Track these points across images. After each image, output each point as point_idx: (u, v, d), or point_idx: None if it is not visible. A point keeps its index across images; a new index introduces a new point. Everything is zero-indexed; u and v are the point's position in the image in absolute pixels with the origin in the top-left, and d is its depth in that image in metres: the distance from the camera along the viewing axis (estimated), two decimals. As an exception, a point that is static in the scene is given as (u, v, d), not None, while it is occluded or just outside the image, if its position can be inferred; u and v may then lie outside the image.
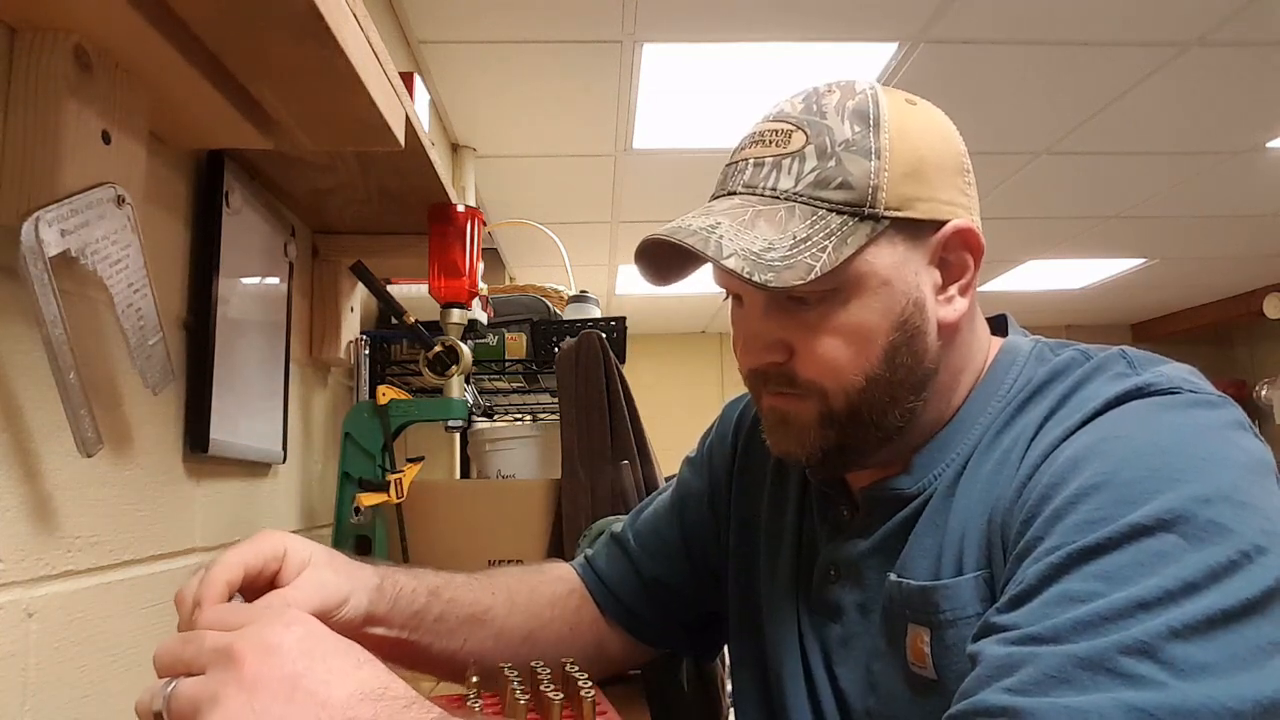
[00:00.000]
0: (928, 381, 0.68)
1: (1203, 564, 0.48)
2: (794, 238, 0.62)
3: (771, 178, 0.65)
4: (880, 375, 0.65)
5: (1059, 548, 0.52)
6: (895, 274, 0.64)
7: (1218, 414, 0.57)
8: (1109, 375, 0.63)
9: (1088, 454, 0.56)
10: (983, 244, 0.68)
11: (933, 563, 0.64)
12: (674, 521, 0.91)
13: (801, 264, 0.61)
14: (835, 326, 0.64)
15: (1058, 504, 0.54)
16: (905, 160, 0.64)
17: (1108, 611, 0.48)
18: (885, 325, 0.65)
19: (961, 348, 0.70)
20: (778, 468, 0.84)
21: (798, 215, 0.63)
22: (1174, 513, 0.50)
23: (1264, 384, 5.37)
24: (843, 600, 0.72)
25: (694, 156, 2.78)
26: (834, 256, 0.61)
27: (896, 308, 0.65)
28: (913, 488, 0.68)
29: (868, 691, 0.68)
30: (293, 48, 0.71)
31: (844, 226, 0.63)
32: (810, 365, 0.66)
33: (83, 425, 0.65)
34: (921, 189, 0.65)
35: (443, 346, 1.28)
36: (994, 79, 2.31)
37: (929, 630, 0.62)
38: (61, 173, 0.64)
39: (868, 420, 0.67)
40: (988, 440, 0.66)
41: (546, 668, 0.75)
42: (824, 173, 0.63)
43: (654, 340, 5.82)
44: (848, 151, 0.64)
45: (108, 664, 0.76)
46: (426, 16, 1.96)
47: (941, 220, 0.66)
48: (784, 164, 0.65)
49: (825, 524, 0.76)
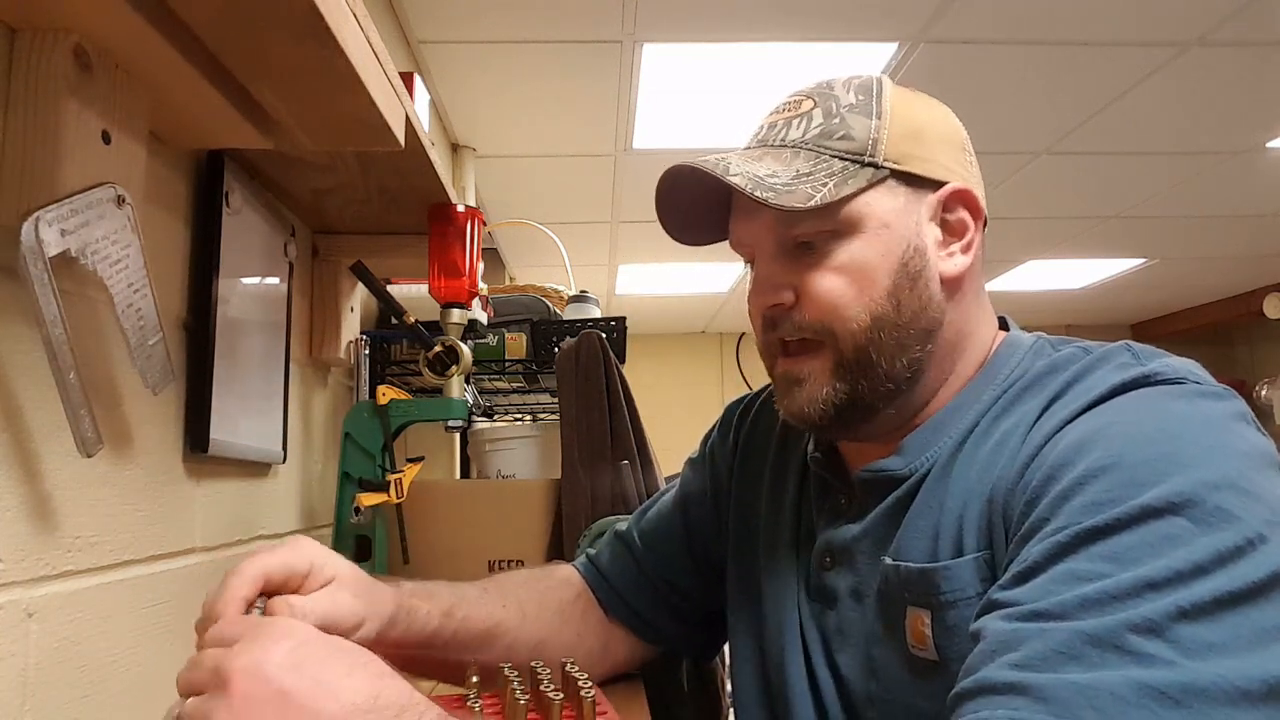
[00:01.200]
0: (934, 332, 0.69)
1: (1210, 548, 0.49)
2: (797, 172, 0.67)
3: (782, 132, 0.71)
4: (885, 315, 0.67)
5: (1066, 527, 0.52)
6: (896, 219, 0.68)
7: (1223, 405, 0.58)
8: (1114, 365, 0.63)
9: (1095, 437, 0.56)
10: (983, 209, 0.71)
11: (929, 544, 0.64)
12: (678, 521, 0.91)
13: (802, 192, 0.65)
14: (838, 266, 0.68)
15: (1064, 485, 0.55)
16: (904, 123, 0.69)
17: (1116, 590, 0.48)
18: (886, 265, 0.68)
19: (966, 310, 0.71)
20: (777, 461, 0.84)
21: (803, 157, 0.68)
22: (1183, 496, 0.50)
23: (1264, 384, 5.36)
24: (838, 586, 0.72)
25: (694, 156, 2.77)
26: (834, 192, 0.66)
27: (897, 250, 0.68)
28: (903, 469, 0.69)
29: (869, 677, 0.68)
30: (293, 48, 0.71)
31: (845, 170, 0.67)
32: (814, 306, 0.68)
33: (83, 425, 0.65)
34: (920, 149, 0.69)
35: (443, 346, 1.28)
36: (994, 79, 2.31)
37: (929, 612, 0.63)
38: (61, 173, 0.64)
39: (877, 365, 0.68)
40: (985, 424, 0.67)
41: (546, 668, 0.75)
42: (829, 126, 0.69)
43: (654, 340, 5.81)
44: (851, 112, 0.69)
45: (108, 664, 0.76)
46: (426, 16, 1.96)
47: (941, 180, 0.69)
48: (794, 122, 0.71)
49: (823, 512, 0.76)
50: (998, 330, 0.75)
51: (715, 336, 6.11)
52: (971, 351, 0.72)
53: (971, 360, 0.72)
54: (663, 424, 1.98)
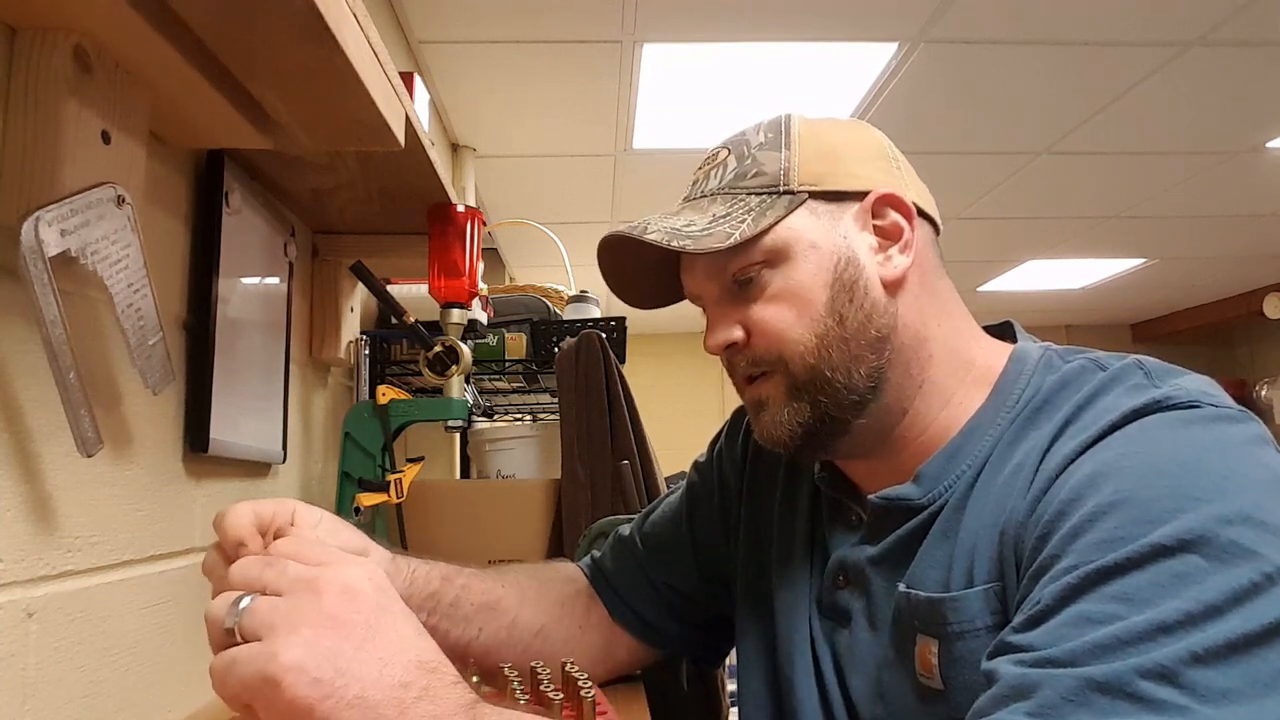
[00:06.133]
0: (887, 338, 0.69)
1: (1224, 586, 0.47)
2: (713, 216, 0.70)
3: (701, 185, 0.74)
4: (830, 331, 0.68)
5: (1076, 567, 0.51)
6: (822, 237, 0.69)
7: (1239, 429, 0.56)
8: (1126, 387, 0.62)
9: (1106, 470, 0.55)
10: (913, 208, 0.71)
11: (943, 574, 0.64)
12: (683, 526, 0.91)
13: (719, 232, 0.68)
14: (775, 293, 0.69)
15: (1075, 521, 0.53)
16: (815, 146, 0.71)
17: (1126, 634, 0.47)
18: (820, 282, 0.69)
19: (919, 308, 0.71)
20: (790, 471, 0.84)
21: (719, 201, 0.71)
22: (1195, 533, 0.49)
23: (1264, 384, 5.37)
24: (851, 606, 0.72)
25: (694, 157, 2.75)
26: (753, 226, 0.68)
27: (828, 264, 0.69)
28: (921, 498, 0.68)
29: (877, 700, 0.68)
30: (293, 48, 0.70)
31: (762, 204, 0.69)
32: (762, 336, 0.70)
33: (83, 425, 0.65)
34: (835, 166, 0.71)
35: (443, 346, 1.28)
36: (994, 79, 2.31)
37: (937, 642, 0.62)
38: (61, 173, 0.64)
39: (833, 381, 0.68)
40: (1000, 451, 0.65)
41: (546, 668, 0.75)
42: (741, 168, 0.72)
43: (654, 340, 5.81)
44: (761, 150, 0.72)
45: (108, 664, 0.76)
46: (426, 16, 1.96)
47: (863, 191, 0.70)
48: (711, 173, 0.74)
49: (836, 527, 0.76)
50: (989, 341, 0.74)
51: (715, 336, 6.11)
52: (942, 351, 0.71)
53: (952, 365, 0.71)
54: (663, 424, 1.98)
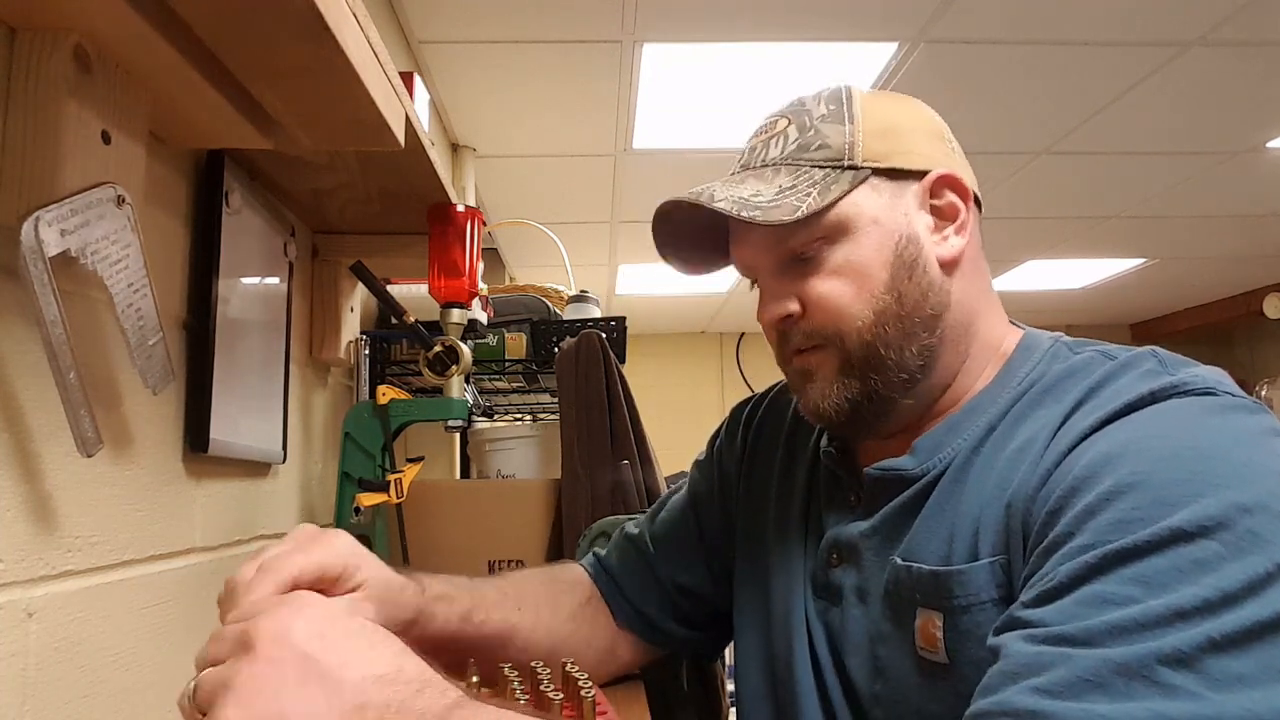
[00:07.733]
0: (940, 316, 0.70)
1: (1241, 574, 0.47)
2: (779, 188, 0.69)
3: (762, 154, 0.73)
4: (888, 308, 0.68)
5: (1093, 546, 0.51)
6: (884, 214, 0.69)
7: (1255, 420, 0.56)
8: (1140, 372, 0.62)
9: (1122, 450, 0.55)
10: (970, 189, 0.72)
11: (943, 547, 0.64)
12: (690, 523, 0.92)
13: (787, 204, 0.67)
14: (835, 269, 0.69)
15: (1090, 500, 0.53)
16: (878, 123, 0.71)
17: (1144, 618, 0.47)
18: (881, 259, 0.69)
19: (971, 288, 0.72)
20: (785, 458, 0.84)
21: (784, 173, 0.70)
22: (1214, 519, 0.49)
23: (1264, 384, 5.36)
24: (843, 583, 0.72)
25: (694, 156, 2.78)
26: (819, 200, 0.67)
27: (890, 242, 0.69)
28: (915, 469, 0.68)
29: (874, 677, 0.68)
30: (293, 48, 0.71)
31: (827, 177, 0.69)
32: (819, 311, 0.70)
33: (83, 425, 0.65)
34: (897, 144, 0.70)
35: (443, 346, 1.28)
36: (994, 79, 2.31)
37: (941, 615, 0.62)
38: (61, 173, 0.64)
39: (886, 359, 0.69)
40: (1004, 427, 0.66)
41: (546, 668, 0.75)
42: (805, 140, 0.71)
43: (654, 340, 5.81)
44: (824, 122, 0.71)
45: (108, 664, 0.76)
46: (426, 16, 1.96)
47: (923, 170, 0.71)
48: (772, 142, 0.73)
49: (832, 509, 0.76)
50: (1009, 326, 0.75)
51: (715, 336, 6.11)
52: (983, 331, 0.72)
53: (985, 345, 0.72)
54: (663, 424, 1.98)
